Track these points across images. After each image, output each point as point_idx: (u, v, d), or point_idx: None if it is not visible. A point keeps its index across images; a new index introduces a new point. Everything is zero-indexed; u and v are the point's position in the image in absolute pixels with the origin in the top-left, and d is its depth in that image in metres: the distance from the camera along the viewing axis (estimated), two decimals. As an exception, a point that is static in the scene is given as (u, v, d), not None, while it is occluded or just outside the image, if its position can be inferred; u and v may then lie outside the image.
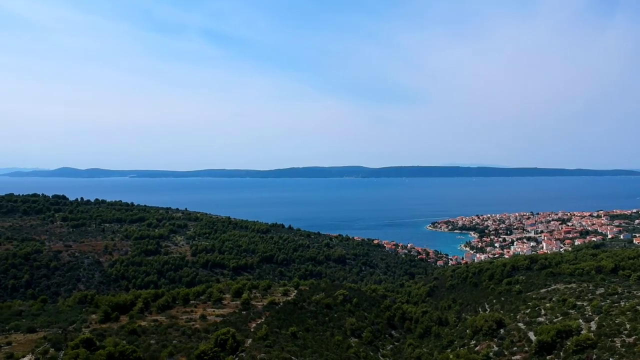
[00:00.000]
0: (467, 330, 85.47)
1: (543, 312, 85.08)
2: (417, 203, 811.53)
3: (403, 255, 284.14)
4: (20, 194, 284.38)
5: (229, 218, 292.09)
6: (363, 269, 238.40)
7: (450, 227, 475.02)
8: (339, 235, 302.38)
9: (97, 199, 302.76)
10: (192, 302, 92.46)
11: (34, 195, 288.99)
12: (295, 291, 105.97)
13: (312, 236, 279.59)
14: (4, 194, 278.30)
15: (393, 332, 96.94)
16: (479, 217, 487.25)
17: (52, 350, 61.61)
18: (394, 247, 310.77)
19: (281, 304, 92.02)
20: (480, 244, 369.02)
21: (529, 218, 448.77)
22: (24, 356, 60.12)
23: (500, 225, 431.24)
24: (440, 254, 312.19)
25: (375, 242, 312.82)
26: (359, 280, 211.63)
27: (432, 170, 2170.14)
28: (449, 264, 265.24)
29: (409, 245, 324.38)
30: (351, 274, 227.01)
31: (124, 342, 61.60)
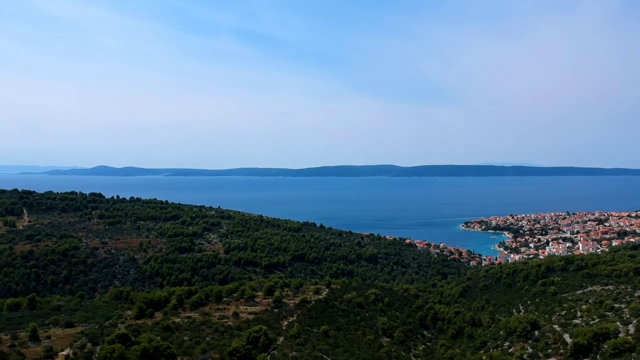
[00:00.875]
0: (501, 332, 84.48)
1: (579, 314, 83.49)
2: (449, 202, 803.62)
3: (435, 255, 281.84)
4: (59, 192, 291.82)
5: (261, 216, 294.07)
6: (395, 268, 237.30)
7: (483, 227, 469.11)
8: (371, 234, 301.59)
9: (132, 197, 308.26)
10: (224, 299, 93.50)
11: (72, 193, 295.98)
12: (327, 290, 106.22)
13: (344, 235, 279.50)
14: (43, 192, 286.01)
15: (425, 332, 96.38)
16: (513, 217, 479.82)
17: (89, 345, 63.07)
18: (426, 246, 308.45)
19: (313, 302, 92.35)
20: (514, 244, 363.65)
21: (564, 218, 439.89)
22: (62, 350, 61.70)
23: (535, 226, 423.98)
24: (473, 254, 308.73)
25: (407, 241, 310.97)
26: (391, 280, 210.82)
27: (466, 169, 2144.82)
28: (482, 264, 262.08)
29: (441, 244, 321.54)
30: (383, 273, 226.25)
31: (158, 338, 62.76)
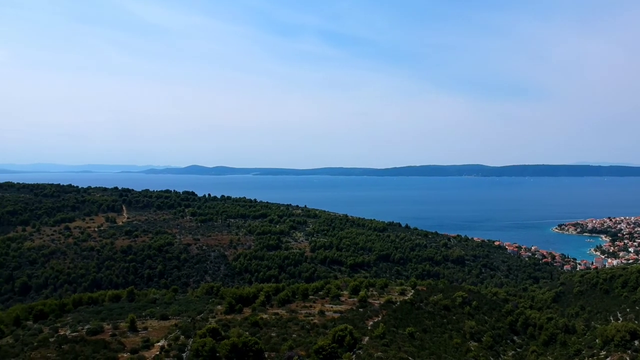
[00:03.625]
0: (597, 340, 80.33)
1: (685, 325, 77.97)
2: (542, 204, 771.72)
3: (526, 258, 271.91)
4: (155, 190, 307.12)
5: (346, 216, 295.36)
6: (483, 271, 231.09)
7: (578, 230, 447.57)
8: (458, 235, 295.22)
9: (222, 196, 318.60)
10: (310, 297, 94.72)
11: (167, 191, 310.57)
12: (413, 291, 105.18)
13: (430, 236, 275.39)
14: (140, 190, 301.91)
15: (515, 337, 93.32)
16: (611, 220, 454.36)
17: (182, 337, 65.94)
18: (516, 249, 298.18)
19: (398, 303, 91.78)
20: (612, 248, 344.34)
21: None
22: (158, 341, 64.92)
23: (636, 229, 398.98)
24: (567, 257, 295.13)
25: (496, 243, 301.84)
26: (479, 283, 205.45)
27: (559, 169, 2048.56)
28: (577, 269, 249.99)
29: (532, 247, 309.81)
30: (470, 275, 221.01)
31: (247, 333, 64.57)
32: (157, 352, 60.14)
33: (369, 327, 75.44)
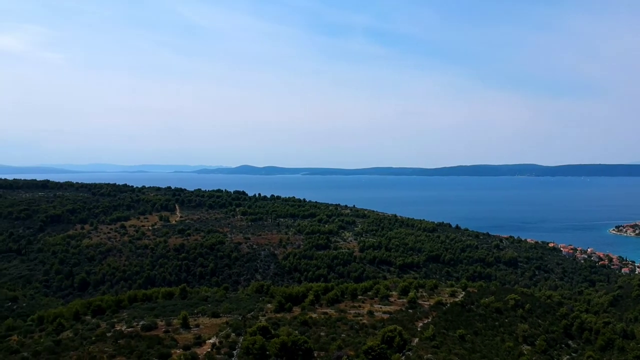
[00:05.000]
0: (658, 347, 77.29)
1: None
2: (598, 205, 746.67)
3: (582, 261, 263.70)
4: (207, 190, 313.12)
5: (395, 216, 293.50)
6: (536, 273, 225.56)
7: (637, 232, 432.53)
8: (510, 236, 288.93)
9: (272, 195, 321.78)
10: (359, 297, 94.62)
11: (218, 190, 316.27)
12: (463, 293, 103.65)
13: (481, 237, 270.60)
14: (193, 190, 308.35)
15: (570, 342, 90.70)
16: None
17: (233, 335, 66.96)
18: (571, 251, 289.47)
19: (448, 304, 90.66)
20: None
21: None
22: (209, 338, 66.16)
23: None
24: (626, 260, 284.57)
25: (551, 245, 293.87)
26: (532, 285, 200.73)
27: (617, 169, 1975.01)
28: (636, 272, 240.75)
29: (589, 250, 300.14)
30: (523, 278, 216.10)
31: (296, 332, 65.04)
32: (209, 349, 61.28)
33: (419, 329, 74.82)
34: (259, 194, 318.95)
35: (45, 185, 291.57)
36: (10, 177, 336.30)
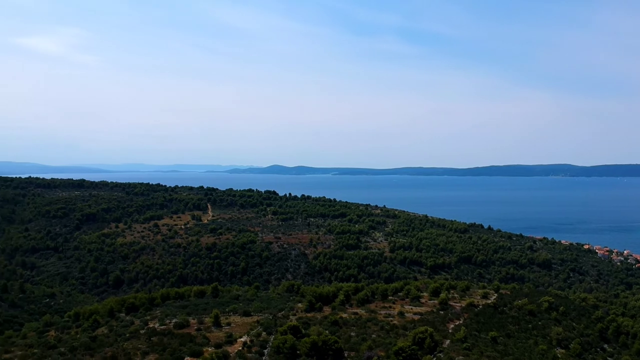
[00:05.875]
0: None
1: None
2: (635, 206, 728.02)
3: (618, 263, 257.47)
4: (238, 189, 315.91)
5: (426, 216, 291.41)
6: (571, 275, 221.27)
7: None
8: (544, 238, 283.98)
9: (303, 195, 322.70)
10: (390, 297, 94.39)
11: (249, 190, 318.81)
12: (496, 294, 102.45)
13: (514, 238, 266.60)
14: (224, 189, 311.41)
15: (605, 346, 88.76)
16: None
17: (264, 333, 67.49)
18: (607, 253, 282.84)
19: (480, 306, 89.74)
20: None
21: None
22: (240, 337, 66.78)
23: None
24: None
25: (586, 247, 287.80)
26: (566, 288, 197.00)
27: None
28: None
29: (625, 252, 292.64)
30: (557, 280, 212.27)
31: (327, 332, 65.21)
32: (240, 348, 61.85)
33: (450, 330, 74.27)
34: (290, 194, 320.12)
35: (81, 184, 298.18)
36: (48, 176, 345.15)
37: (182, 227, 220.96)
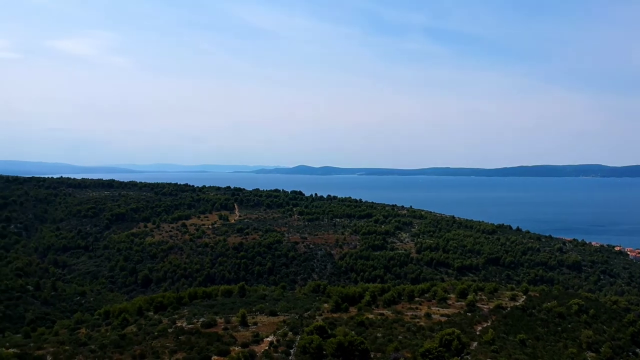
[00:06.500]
0: None
1: None
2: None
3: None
4: (265, 189, 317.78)
5: (453, 217, 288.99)
6: (601, 277, 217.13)
7: None
8: (574, 239, 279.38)
9: (329, 195, 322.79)
10: (417, 299, 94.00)
11: (276, 190, 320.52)
12: (524, 296, 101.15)
13: (543, 239, 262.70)
14: (251, 189, 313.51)
15: (638, 350, 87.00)
16: None
17: (290, 333, 67.88)
18: (639, 255, 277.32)
19: (509, 308, 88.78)
20: None
21: None
22: (267, 336, 67.28)
23: None
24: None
25: (617, 248, 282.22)
26: (597, 290, 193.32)
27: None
28: None
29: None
30: (587, 282, 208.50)
31: (353, 332, 65.26)
32: (267, 347, 62.32)
33: (478, 332, 73.66)
34: (316, 194, 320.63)
35: (111, 184, 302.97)
36: (78, 176, 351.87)
37: (210, 226, 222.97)
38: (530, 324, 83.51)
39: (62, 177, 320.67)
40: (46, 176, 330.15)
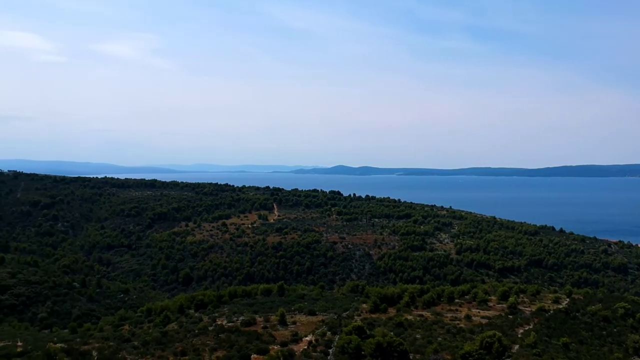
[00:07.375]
0: None
1: None
2: None
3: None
4: (303, 189, 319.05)
5: (494, 218, 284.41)
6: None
7: None
8: (620, 241, 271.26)
9: (367, 195, 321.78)
10: (456, 300, 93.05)
11: (314, 190, 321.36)
12: (567, 299, 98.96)
13: (587, 241, 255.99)
14: (290, 189, 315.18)
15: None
16: None
17: (328, 333, 68.07)
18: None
19: (551, 311, 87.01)
20: None
21: None
22: (306, 336, 67.62)
23: None
24: None
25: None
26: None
27: None
28: None
29: None
30: (634, 285, 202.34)
31: (392, 333, 65.02)
32: (305, 347, 62.63)
33: (519, 335, 72.43)
34: (354, 194, 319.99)
35: (153, 184, 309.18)
36: (122, 176, 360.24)
37: (249, 226, 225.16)
38: (573, 327, 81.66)
39: (106, 177, 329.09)
40: (91, 176, 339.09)
